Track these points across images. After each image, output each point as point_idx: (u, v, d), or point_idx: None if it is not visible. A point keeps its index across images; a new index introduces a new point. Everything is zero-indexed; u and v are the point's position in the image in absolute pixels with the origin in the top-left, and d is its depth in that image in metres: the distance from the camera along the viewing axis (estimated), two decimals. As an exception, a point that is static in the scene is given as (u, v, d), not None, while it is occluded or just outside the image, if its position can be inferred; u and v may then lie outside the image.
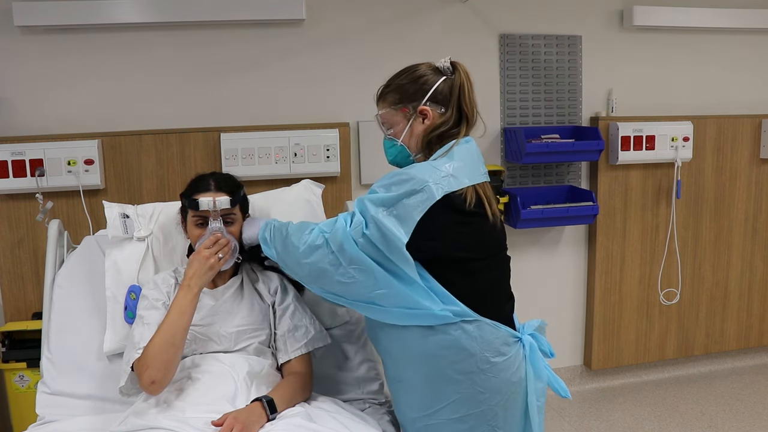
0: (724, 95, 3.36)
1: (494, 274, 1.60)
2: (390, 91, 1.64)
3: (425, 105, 1.60)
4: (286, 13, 2.69)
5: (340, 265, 1.49)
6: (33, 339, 2.45)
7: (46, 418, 1.79)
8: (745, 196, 3.39)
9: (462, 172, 1.51)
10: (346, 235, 1.48)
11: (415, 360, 1.56)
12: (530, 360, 1.57)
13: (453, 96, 1.61)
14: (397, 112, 1.63)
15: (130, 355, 1.59)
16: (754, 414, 3.05)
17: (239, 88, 2.78)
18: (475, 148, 1.62)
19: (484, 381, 1.51)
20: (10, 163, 2.50)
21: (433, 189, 1.45)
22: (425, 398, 1.57)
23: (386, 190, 1.49)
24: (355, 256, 1.47)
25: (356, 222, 1.48)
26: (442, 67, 1.63)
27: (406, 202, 1.45)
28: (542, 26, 3.07)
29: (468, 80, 1.63)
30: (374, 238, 1.46)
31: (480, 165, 1.60)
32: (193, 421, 1.44)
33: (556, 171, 3.20)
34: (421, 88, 1.61)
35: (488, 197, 1.57)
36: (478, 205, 1.52)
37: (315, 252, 1.52)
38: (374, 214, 1.46)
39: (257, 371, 1.66)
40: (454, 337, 1.50)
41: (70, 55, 2.62)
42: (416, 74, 1.62)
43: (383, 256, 1.46)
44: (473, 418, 1.53)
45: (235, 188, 1.79)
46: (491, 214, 1.55)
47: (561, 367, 3.37)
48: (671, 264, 3.31)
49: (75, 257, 2.04)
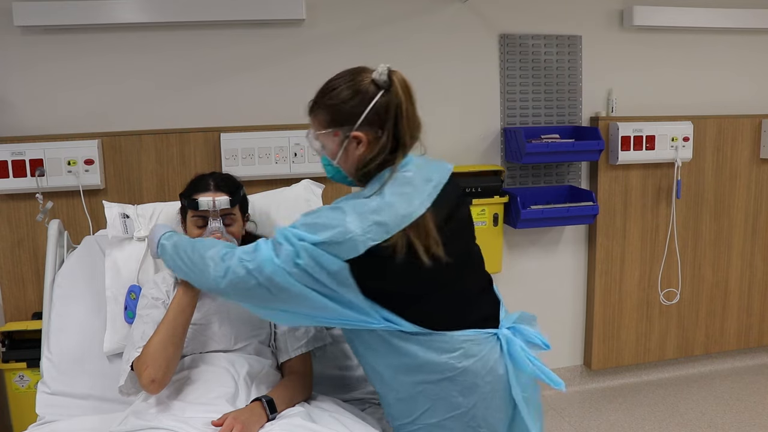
0: (724, 95, 3.36)
1: (443, 296, 1.48)
2: (320, 110, 1.47)
3: (358, 130, 1.43)
4: (286, 13, 2.69)
5: (269, 292, 1.39)
6: (33, 339, 2.45)
7: (46, 418, 1.79)
8: (745, 196, 3.39)
9: (393, 215, 1.36)
10: (276, 267, 1.36)
11: (385, 372, 1.54)
12: (509, 354, 1.50)
13: (389, 116, 1.42)
14: (330, 135, 1.46)
15: (130, 354, 1.59)
16: (754, 414, 3.05)
17: (239, 88, 2.78)
18: (414, 173, 1.45)
19: (455, 385, 1.48)
20: (10, 163, 2.50)
21: (357, 242, 1.33)
22: (403, 407, 1.56)
23: (310, 230, 1.37)
24: (288, 287, 1.37)
25: (285, 254, 1.36)
26: (378, 78, 1.43)
27: (328, 249, 1.34)
28: (542, 26, 3.07)
29: (406, 96, 1.45)
30: (309, 267, 1.35)
31: (423, 189, 1.43)
32: (192, 420, 1.44)
33: (556, 171, 3.20)
34: (354, 111, 1.42)
35: (424, 237, 1.40)
36: (408, 254, 1.38)
37: (236, 281, 1.41)
38: (298, 246, 1.36)
39: (257, 371, 1.66)
40: (414, 350, 1.46)
41: (70, 55, 2.62)
42: (348, 92, 1.43)
43: (321, 284, 1.37)
44: (451, 421, 1.51)
45: (234, 188, 1.79)
46: (425, 257, 1.40)
47: (561, 367, 3.37)
48: (671, 264, 3.31)
49: (75, 257, 2.04)
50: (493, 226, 2.99)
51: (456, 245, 1.49)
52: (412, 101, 1.47)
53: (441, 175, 1.50)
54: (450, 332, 1.47)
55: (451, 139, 3.04)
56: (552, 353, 3.54)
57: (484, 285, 1.62)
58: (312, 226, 1.38)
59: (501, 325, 1.56)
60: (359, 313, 1.42)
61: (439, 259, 1.41)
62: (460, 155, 3.06)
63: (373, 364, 1.56)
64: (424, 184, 1.45)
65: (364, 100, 1.42)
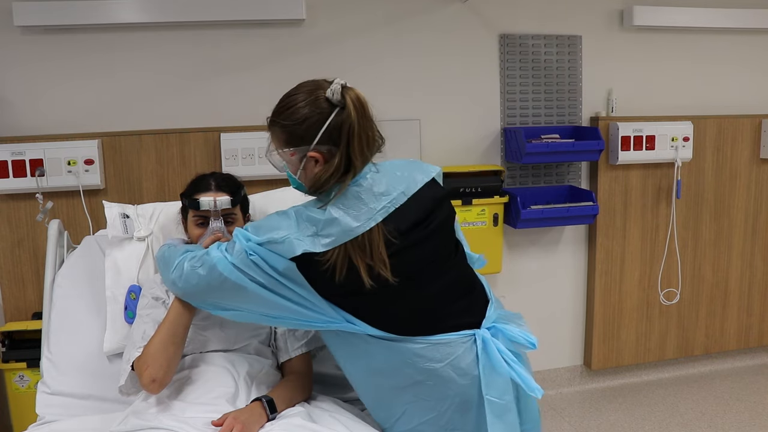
0: (724, 95, 3.36)
1: (407, 303, 1.46)
2: (278, 130, 1.46)
3: (314, 150, 1.42)
4: (286, 13, 2.69)
5: (221, 290, 1.46)
6: (33, 339, 2.45)
7: (46, 418, 1.79)
8: (745, 196, 3.39)
9: (334, 230, 1.38)
10: (228, 265, 1.42)
11: (359, 375, 1.55)
12: (484, 356, 1.46)
13: (342, 136, 1.41)
14: (287, 154, 1.46)
15: (131, 354, 1.59)
16: (754, 414, 3.05)
17: (239, 88, 2.78)
18: (367, 188, 1.43)
19: (426, 389, 1.46)
20: (10, 163, 2.50)
21: (293, 244, 1.37)
22: (380, 412, 1.57)
23: (255, 231, 1.43)
24: (243, 285, 1.41)
25: (237, 251, 1.42)
26: (331, 97, 1.41)
27: (268, 248, 1.40)
28: (542, 26, 3.07)
29: (360, 115, 1.41)
30: (260, 263, 1.40)
31: (373, 204, 1.42)
32: (192, 420, 1.44)
33: (556, 171, 3.20)
34: (309, 132, 1.41)
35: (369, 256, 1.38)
36: (350, 272, 1.38)
37: (190, 286, 1.51)
38: (248, 244, 1.41)
39: (257, 371, 1.67)
40: (381, 354, 1.46)
41: (70, 54, 2.62)
42: (304, 111, 1.41)
43: (275, 281, 1.41)
44: (426, 425, 1.49)
45: (235, 188, 1.79)
46: (367, 277, 1.38)
47: (561, 367, 3.37)
48: (671, 264, 3.31)
49: (75, 257, 2.04)
50: (493, 226, 2.99)
51: (423, 252, 1.46)
52: (367, 119, 1.44)
53: (408, 185, 1.48)
54: (419, 337, 1.45)
55: (451, 139, 3.04)
56: (552, 353, 3.57)
57: (464, 287, 1.56)
58: (257, 228, 1.44)
59: (483, 325, 1.51)
60: (320, 314, 1.44)
61: (385, 280, 1.39)
62: (460, 155, 3.06)
63: (348, 367, 1.57)
64: (376, 200, 1.42)
65: (319, 120, 1.41)
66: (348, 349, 1.52)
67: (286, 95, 1.48)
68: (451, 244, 1.58)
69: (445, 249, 1.55)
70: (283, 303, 1.43)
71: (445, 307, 1.50)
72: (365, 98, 1.44)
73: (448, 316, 1.49)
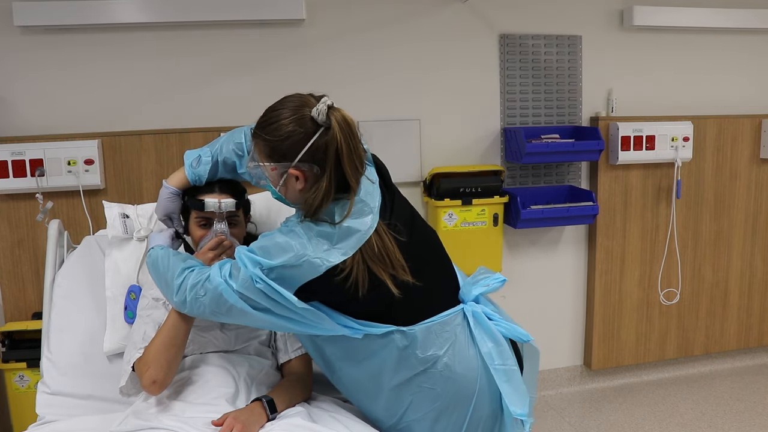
0: (724, 95, 3.36)
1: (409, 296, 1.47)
2: (260, 141, 1.45)
3: (295, 168, 1.40)
4: (286, 13, 2.69)
5: (228, 316, 1.45)
6: (33, 339, 2.45)
7: (46, 418, 1.79)
8: (745, 196, 3.39)
9: (347, 237, 1.38)
10: (233, 294, 1.40)
11: (361, 382, 1.56)
12: (478, 331, 1.51)
13: (328, 157, 1.38)
14: (268, 169, 1.45)
15: (131, 354, 1.59)
16: (754, 414, 3.05)
17: (239, 88, 2.78)
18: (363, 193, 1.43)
19: (429, 378, 1.49)
20: (10, 163, 2.50)
21: (314, 264, 1.35)
22: (386, 410, 1.57)
23: (264, 253, 1.38)
24: (247, 311, 1.40)
25: (243, 279, 1.38)
26: (317, 116, 1.38)
27: (283, 272, 1.36)
28: (542, 26, 3.07)
29: (347, 136, 1.39)
30: (267, 290, 1.37)
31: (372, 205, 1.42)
32: (192, 421, 1.44)
33: (556, 171, 3.20)
34: (292, 149, 1.39)
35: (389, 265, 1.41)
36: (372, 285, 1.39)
37: (195, 310, 1.48)
38: (255, 271, 1.37)
39: (257, 371, 1.67)
40: (385, 352, 1.48)
41: (70, 54, 2.62)
42: (287, 129, 1.39)
43: (280, 306, 1.39)
44: (435, 411, 1.52)
45: (240, 191, 1.79)
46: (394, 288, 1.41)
47: (561, 367, 3.37)
48: (671, 264, 3.31)
49: (75, 257, 2.04)
50: (493, 226, 2.99)
51: (423, 241, 1.52)
52: (354, 137, 1.41)
53: (371, 172, 1.50)
54: (417, 324, 1.47)
55: (451, 139, 3.04)
56: (552, 353, 3.57)
57: (449, 272, 1.62)
58: (266, 250, 1.38)
59: (463, 298, 1.57)
60: (324, 328, 1.44)
61: (408, 285, 1.43)
62: (460, 155, 3.06)
63: (346, 373, 1.56)
64: (371, 198, 1.44)
65: (302, 138, 1.39)
66: (347, 354, 1.52)
67: (271, 108, 1.46)
68: (422, 222, 1.61)
69: (425, 228, 1.60)
70: (290, 326, 1.44)
71: (438, 292, 1.54)
72: (351, 118, 1.42)
73: (439, 300, 1.53)
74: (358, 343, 1.48)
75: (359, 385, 1.58)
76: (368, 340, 1.48)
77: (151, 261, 1.65)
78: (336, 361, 1.56)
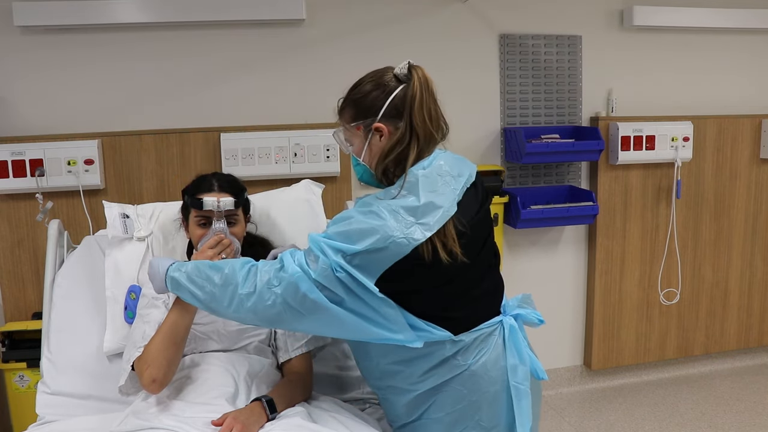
0: (724, 95, 3.36)
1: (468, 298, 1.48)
2: (346, 106, 1.50)
3: (380, 121, 1.44)
4: (286, 13, 2.69)
5: (299, 312, 1.36)
6: (33, 339, 2.45)
7: (46, 418, 1.79)
8: (745, 196, 3.39)
9: (431, 213, 1.34)
10: (311, 283, 1.32)
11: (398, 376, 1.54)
12: (510, 344, 1.51)
13: (405, 108, 1.43)
14: (354, 129, 1.49)
15: (131, 353, 1.59)
16: (754, 414, 3.05)
17: (239, 88, 2.78)
18: (445, 168, 1.45)
19: (461, 381, 1.49)
20: (10, 163, 2.50)
21: (401, 244, 1.30)
22: (410, 404, 1.56)
23: (345, 239, 1.32)
24: (323, 304, 1.33)
25: (322, 267, 1.31)
26: (399, 73, 1.46)
27: (368, 258, 1.31)
28: (542, 26, 3.07)
29: (424, 88, 1.44)
30: (347, 281, 1.31)
31: (454, 185, 1.43)
32: (192, 420, 1.44)
33: (556, 171, 3.20)
34: (375, 103, 1.44)
35: (443, 234, 1.36)
36: (433, 255, 1.35)
37: (262, 308, 1.37)
38: (337, 260, 1.31)
39: (257, 370, 1.67)
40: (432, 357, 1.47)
41: (70, 55, 2.62)
42: (370, 86, 1.46)
43: (359, 300, 1.33)
44: (456, 413, 1.51)
45: (239, 190, 1.80)
46: (444, 254, 1.36)
47: (561, 367, 3.37)
48: (671, 264, 3.31)
49: (75, 257, 2.04)
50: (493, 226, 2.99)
51: (477, 243, 1.48)
52: (431, 94, 1.47)
53: (471, 170, 1.52)
54: (465, 334, 1.47)
55: (451, 139, 3.03)
56: (552, 353, 3.56)
57: (500, 286, 1.62)
58: (346, 235, 1.33)
59: (505, 311, 1.57)
60: (388, 330, 1.38)
61: (456, 257, 1.38)
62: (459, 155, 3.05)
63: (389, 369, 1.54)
64: (455, 180, 1.44)
65: (384, 92, 1.45)
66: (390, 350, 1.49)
67: (359, 79, 1.52)
68: (493, 235, 1.61)
69: (491, 238, 1.59)
70: (360, 324, 1.36)
71: (488, 302, 1.54)
72: (431, 77, 1.47)
73: (486, 311, 1.53)
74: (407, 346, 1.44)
75: (393, 379, 1.55)
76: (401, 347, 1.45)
77: (185, 275, 1.49)
78: (376, 357, 1.54)
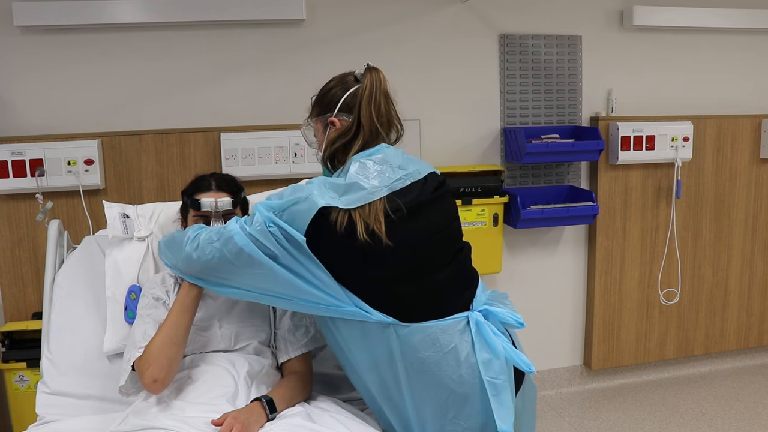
0: (724, 95, 3.36)
1: (410, 288, 1.50)
2: (313, 105, 1.67)
3: (335, 116, 1.59)
4: (286, 13, 2.69)
5: (233, 265, 1.49)
6: (33, 339, 2.45)
7: (46, 418, 1.79)
8: (745, 196, 3.39)
9: (352, 191, 1.46)
10: (245, 238, 1.46)
11: (363, 374, 1.57)
12: (478, 339, 1.50)
13: (355, 102, 1.57)
14: (315, 124, 1.66)
15: (131, 354, 1.59)
16: (754, 414, 3.05)
17: (239, 88, 2.78)
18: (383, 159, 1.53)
19: (427, 379, 1.49)
20: (10, 163, 2.50)
21: (316, 198, 1.43)
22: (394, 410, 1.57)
23: (277, 197, 1.50)
24: (258, 259, 1.45)
25: (257, 221, 1.46)
26: (357, 74, 1.61)
27: (292, 211, 1.44)
28: (542, 26, 3.07)
29: (375, 87, 1.56)
30: (277, 235, 1.44)
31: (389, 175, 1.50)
32: (192, 420, 1.44)
33: (556, 171, 3.20)
34: (333, 99, 1.60)
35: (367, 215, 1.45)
36: (347, 228, 1.44)
37: (204, 257, 1.52)
38: (269, 215, 1.46)
39: (257, 371, 1.67)
40: (384, 345, 1.49)
41: (70, 55, 2.62)
42: (333, 84, 1.62)
43: (290, 256, 1.45)
44: (430, 409, 1.52)
45: (236, 190, 1.81)
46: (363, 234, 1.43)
47: (561, 367, 3.37)
48: (671, 264, 3.31)
49: (75, 257, 2.04)
50: (493, 226, 2.99)
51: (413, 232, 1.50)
52: (383, 93, 1.57)
53: (419, 167, 1.57)
54: (419, 323, 1.48)
55: (451, 139, 3.04)
56: (552, 353, 3.56)
57: (468, 280, 1.61)
58: (280, 195, 1.50)
59: (473, 307, 1.56)
60: (329, 295, 1.46)
61: (379, 239, 1.43)
62: (460, 155, 3.06)
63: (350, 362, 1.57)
64: (393, 171, 1.52)
65: (342, 90, 1.59)
66: (350, 340, 1.53)
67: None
68: (459, 236, 1.64)
69: (453, 238, 1.61)
70: (293, 281, 1.46)
71: (449, 296, 1.54)
72: (386, 78, 1.59)
73: (449, 305, 1.53)
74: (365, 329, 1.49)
75: (361, 379, 1.59)
76: (368, 329, 1.49)
77: (166, 238, 1.72)
78: (346, 348, 1.57)
